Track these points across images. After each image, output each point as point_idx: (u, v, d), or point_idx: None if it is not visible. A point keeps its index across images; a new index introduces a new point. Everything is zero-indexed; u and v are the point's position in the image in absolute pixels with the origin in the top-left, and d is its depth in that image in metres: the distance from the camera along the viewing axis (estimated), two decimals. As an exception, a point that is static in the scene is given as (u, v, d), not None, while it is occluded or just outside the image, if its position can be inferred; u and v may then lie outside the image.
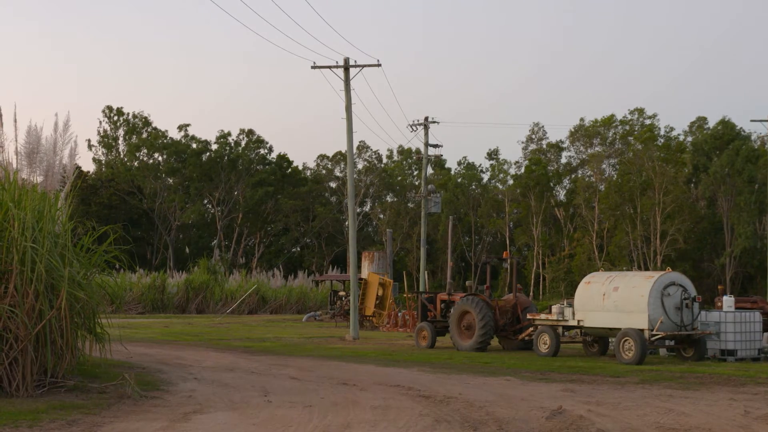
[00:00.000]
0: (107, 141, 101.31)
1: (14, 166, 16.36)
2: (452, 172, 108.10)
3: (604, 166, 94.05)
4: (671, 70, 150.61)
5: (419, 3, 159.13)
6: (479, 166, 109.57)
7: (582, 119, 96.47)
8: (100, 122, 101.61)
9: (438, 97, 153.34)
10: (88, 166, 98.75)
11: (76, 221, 17.14)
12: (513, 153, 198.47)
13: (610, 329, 25.18)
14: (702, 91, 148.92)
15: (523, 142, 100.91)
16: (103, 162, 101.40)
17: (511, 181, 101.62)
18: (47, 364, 15.21)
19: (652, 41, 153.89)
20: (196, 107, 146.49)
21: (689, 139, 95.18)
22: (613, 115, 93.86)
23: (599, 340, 27.05)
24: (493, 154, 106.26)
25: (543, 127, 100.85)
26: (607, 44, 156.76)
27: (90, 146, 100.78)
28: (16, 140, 16.29)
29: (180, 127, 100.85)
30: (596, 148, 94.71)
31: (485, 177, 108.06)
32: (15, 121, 16.37)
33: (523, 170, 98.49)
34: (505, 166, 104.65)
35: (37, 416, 12.62)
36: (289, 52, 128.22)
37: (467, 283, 32.83)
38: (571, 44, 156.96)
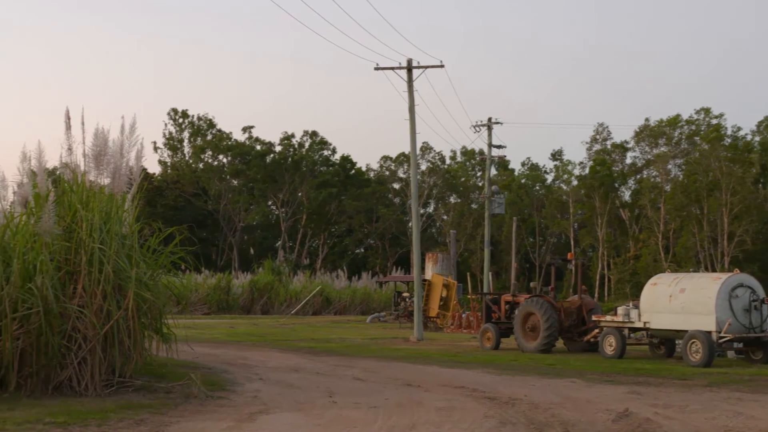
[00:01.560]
0: (173, 143, 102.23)
1: (82, 168, 16.56)
2: (516, 173, 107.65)
3: (669, 166, 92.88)
4: (738, 69, 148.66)
5: (482, 3, 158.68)
6: (543, 166, 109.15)
7: (647, 119, 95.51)
8: (166, 125, 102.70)
9: (501, 98, 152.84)
10: (154, 168, 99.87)
11: (142, 223, 17.30)
12: (577, 153, 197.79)
13: (677, 331, 24.86)
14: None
15: (587, 143, 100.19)
16: (169, 164, 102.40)
17: (575, 182, 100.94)
18: (115, 363, 15.37)
19: (718, 41, 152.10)
20: (261, 109, 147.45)
21: (757, 138, 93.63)
22: (678, 115, 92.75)
23: (666, 342, 26.73)
24: (557, 155, 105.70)
25: (607, 127, 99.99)
26: (673, 44, 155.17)
27: (156, 148, 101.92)
28: (84, 143, 16.49)
29: (244, 129, 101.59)
30: (662, 149, 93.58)
31: (549, 178, 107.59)
32: (83, 123, 16.59)
33: (587, 171, 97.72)
34: (570, 167, 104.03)
35: (106, 415, 12.75)
36: (352, 54, 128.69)
37: (531, 284, 32.65)
38: (636, 44, 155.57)
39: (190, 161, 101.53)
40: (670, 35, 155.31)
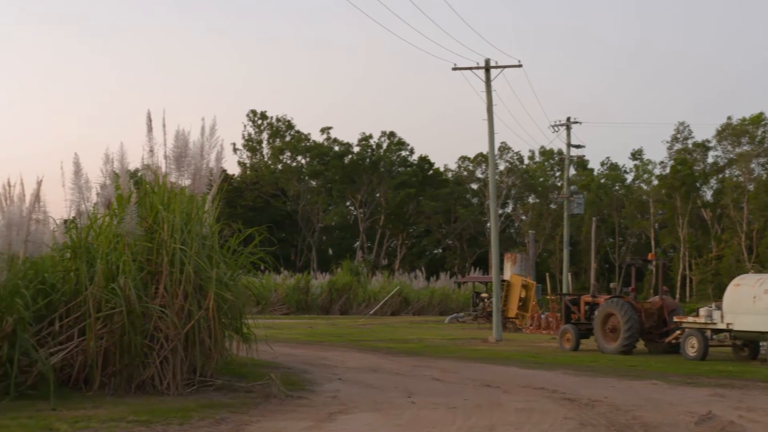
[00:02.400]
0: (252, 144, 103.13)
1: (163, 169, 16.75)
2: (595, 173, 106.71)
3: (753, 165, 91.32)
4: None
5: (559, 2, 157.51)
6: (623, 166, 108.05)
7: (729, 118, 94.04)
8: (245, 126, 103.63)
9: (580, 97, 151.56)
10: (234, 170, 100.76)
11: (222, 223, 17.46)
12: (657, 153, 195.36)
13: (761, 333, 24.44)
14: None
15: (668, 142, 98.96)
16: (248, 165, 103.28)
17: (655, 182, 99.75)
18: (196, 363, 15.53)
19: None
20: (338, 110, 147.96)
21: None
22: (762, 113, 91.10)
23: (749, 344, 26.23)
24: (636, 154, 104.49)
25: (689, 126, 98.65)
26: (756, 42, 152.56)
27: (235, 150, 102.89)
28: (165, 145, 16.69)
29: (322, 130, 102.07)
30: (744, 147, 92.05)
31: (629, 177, 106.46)
32: (164, 125, 16.79)
33: (668, 170, 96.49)
34: (650, 166, 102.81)
35: (187, 414, 12.90)
36: (430, 54, 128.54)
37: (612, 285, 32.33)
38: (718, 43, 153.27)
39: (269, 162, 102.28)
40: (753, 34, 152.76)
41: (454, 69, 37.32)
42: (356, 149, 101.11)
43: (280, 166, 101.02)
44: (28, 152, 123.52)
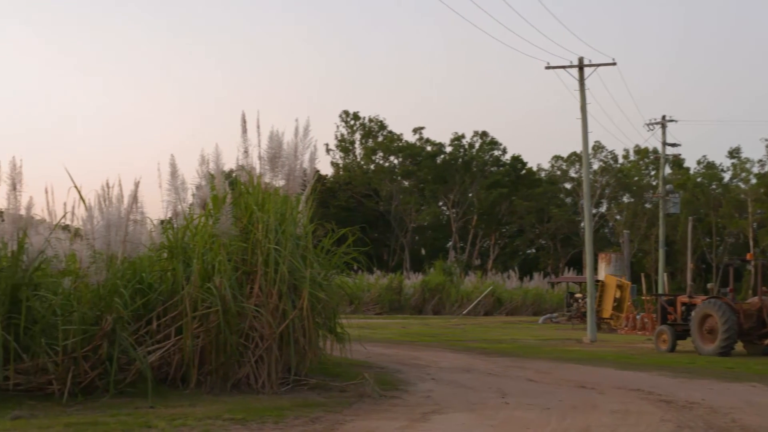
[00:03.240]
0: (344, 145, 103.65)
1: (258, 170, 16.92)
2: (691, 172, 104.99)
3: None
4: None
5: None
6: (720, 164, 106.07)
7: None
8: (338, 127, 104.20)
9: (676, 95, 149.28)
10: (327, 170, 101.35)
11: (316, 224, 17.57)
12: (756, 151, 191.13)
13: None
14: None
15: (766, 140, 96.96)
16: (341, 165, 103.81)
17: (754, 180, 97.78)
18: (291, 362, 15.65)
19: None
20: (430, 110, 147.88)
21: None
22: None
23: None
24: (734, 153, 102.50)
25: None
26: None
27: (328, 150, 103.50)
28: (259, 145, 16.85)
29: (414, 130, 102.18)
30: None
31: (726, 176, 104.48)
32: (258, 127, 16.95)
33: (767, 169, 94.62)
34: (748, 165, 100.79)
35: (282, 413, 13.00)
36: (522, 53, 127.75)
37: (709, 285, 31.83)
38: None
39: (362, 163, 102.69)
40: None
41: (547, 68, 37.08)
42: (449, 149, 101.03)
43: (372, 167, 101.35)
44: (125, 154, 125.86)
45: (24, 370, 14.30)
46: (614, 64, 37.00)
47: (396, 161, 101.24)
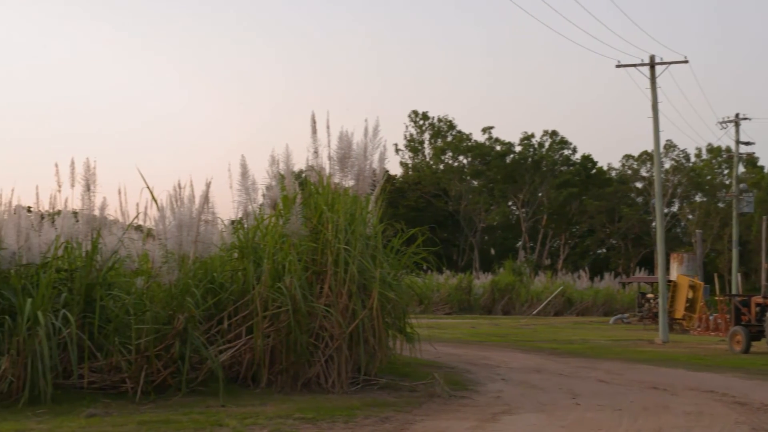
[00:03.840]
0: (413, 145, 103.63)
1: (327, 170, 16.99)
2: (765, 170, 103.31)
3: None
4: None
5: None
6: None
7: None
8: (407, 127, 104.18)
9: (750, 93, 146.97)
10: (396, 170, 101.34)
11: (385, 224, 17.59)
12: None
13: None
14: None
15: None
16: (410, 165, 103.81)
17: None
18: (360, 362, 15.69)
19: None
20: (500, 110, 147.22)
21: None
22: None
23: None
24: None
25: None
26: None
27: (397, 150, 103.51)
28: (329, 146, 16.93)
29: (484, 130, 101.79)
30: None
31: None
32: (327, 127, 17.03)
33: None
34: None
35: (352, 412, 13.03)
36: (592, 51, 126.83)
37: (784, 286, 31.27)
38: None
39: (431, 162, 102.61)
40: None
41: (618, 66, 36.74)
42: (518, 148, 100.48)
43: (441, 166, 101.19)
44: (196, 156, 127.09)
45: (98, 369, 14.53)
46: (686, 62, 36.57)
47: (465, 161, 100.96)
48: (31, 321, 13.28)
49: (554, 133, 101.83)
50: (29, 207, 17.55)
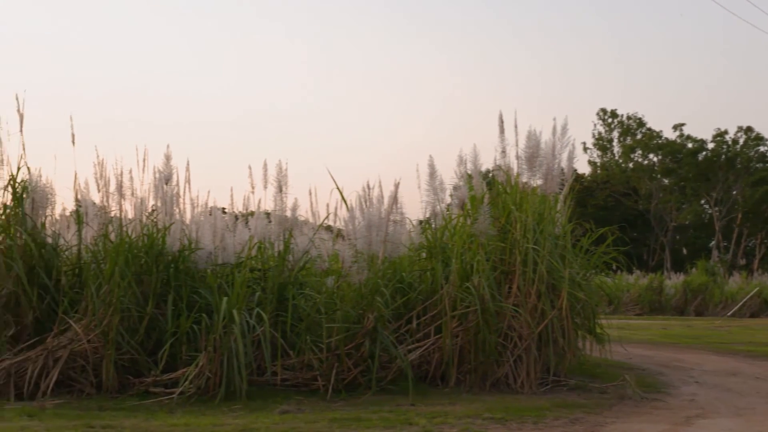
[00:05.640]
0: (601, 143, 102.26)
1: (515, 170, 16.93)
2: None
3: None
4: None
5: None
6: None
7: None
8: (595, 125, 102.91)
9: None
10: (584, 169, 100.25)
11: (574, 223, 17.40)
12: None
13: None
14: None
15: None
16: (598, 164, 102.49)
17: None
18: (549, 362, 15.56)
19: None
20: (692, 106, 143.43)
21: None
22: None
23: None
24: None
25: None
26: None
27: (585, 149, 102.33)
28: (517, 145, 16.85)
29: (675, 127, 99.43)
30: None
31: None
32: (515, 126, 16.96)
33: None
34: None
35: (541, 413, 12.94)
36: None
37: None
38: None
39: (620, 161, 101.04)
40: None
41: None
42: (711, 146, 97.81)
43: (631, 165, 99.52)
44: (384, 156, 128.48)
45: (290, 366, 14.87)
46: None
47: (655, 159, 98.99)
48: (226, 319, 13.67)
49: (749, 129, 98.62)
50: (224, 208, 18.14)
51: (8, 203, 15.31)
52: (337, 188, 17.77)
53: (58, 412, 12.53)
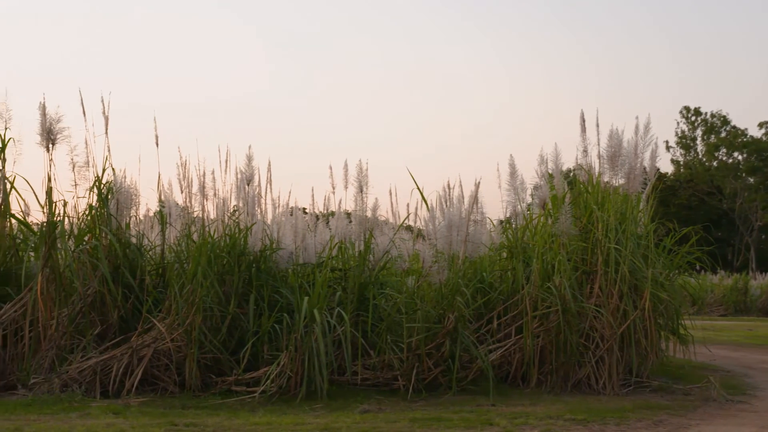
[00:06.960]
0: (685, 142, 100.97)
1: (597, 169, 16.79)
2: None
3: None
4: None
5: None
6: None
7: None
8: (678, 123, 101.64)
9: None
10: (666, 168, 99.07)
11: (656, 223, 17.20)
12: None
13: None
14: None
15: None
16: (681, 163, 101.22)
17: None
18: (632, 363, 15.39)
19: None
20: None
21: None
22: None
23: None
24: None
25: None
26: None
27: (668, 147, 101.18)
28: (599, 144, 16.72)
29: (760, 125, 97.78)
30: None
31: None
32: (597, 125, 16.83)
33: None
34: None
35: (624, 414, 12.81)
36: None
37: None
38: None
39: (704, 160, 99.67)
40: None
41: None
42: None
43: (715, 163, 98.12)
44: (464, 156, 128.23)
45: (371, 366, 14.93)
46: None
47: (740, 157, 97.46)
48: (307, 319, 13.76)
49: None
50: (305, 209, 18.27)
51: (94, 204, 15.58)
52: (418, 188, 17.82)
53: (143, 410, 12.74)
